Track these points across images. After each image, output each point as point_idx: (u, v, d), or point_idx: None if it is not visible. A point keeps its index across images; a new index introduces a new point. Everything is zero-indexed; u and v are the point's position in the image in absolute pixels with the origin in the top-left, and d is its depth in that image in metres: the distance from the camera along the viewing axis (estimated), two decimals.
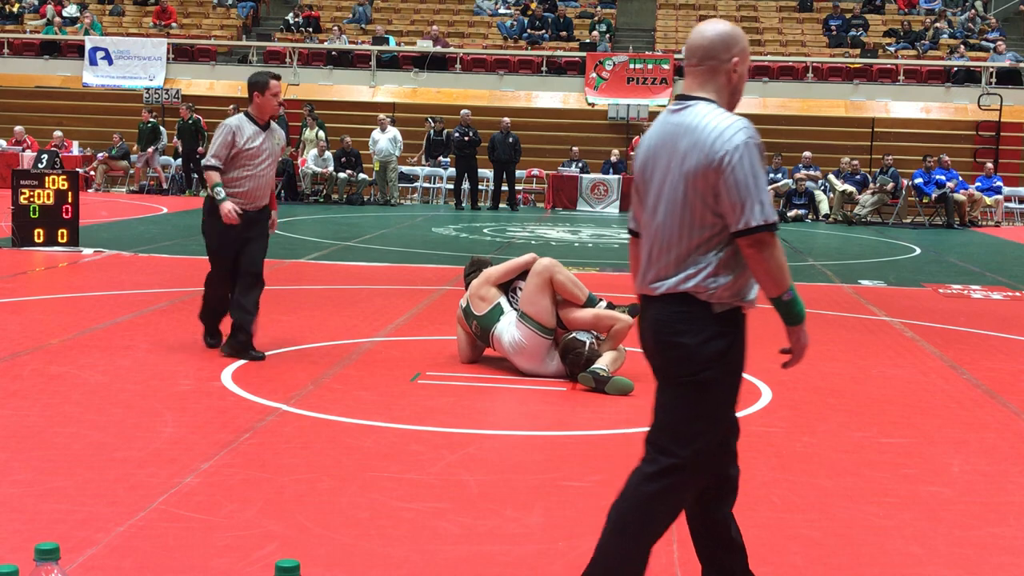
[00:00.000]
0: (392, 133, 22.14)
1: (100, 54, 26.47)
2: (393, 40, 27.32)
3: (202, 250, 7.56)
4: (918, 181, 21.31)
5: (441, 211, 21.39)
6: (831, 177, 21.91)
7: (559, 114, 25.56)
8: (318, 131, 22.59)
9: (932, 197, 21.11)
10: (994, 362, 8.03)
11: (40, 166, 18.10)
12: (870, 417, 6.29)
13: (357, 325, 8.56)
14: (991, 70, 25.06)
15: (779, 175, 22.22)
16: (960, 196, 21.02)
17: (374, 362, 7.30)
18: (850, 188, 21.50)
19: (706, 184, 3.21)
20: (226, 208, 7.09)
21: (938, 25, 27.83)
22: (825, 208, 21.47)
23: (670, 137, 3.32)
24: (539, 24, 28.14)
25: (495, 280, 7.23)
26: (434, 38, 26.76)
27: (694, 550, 3.60)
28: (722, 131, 3.19)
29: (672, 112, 3.37)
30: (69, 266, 11.58)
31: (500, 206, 22.17)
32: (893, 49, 27.01)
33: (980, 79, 25.00)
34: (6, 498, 4.43)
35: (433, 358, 7.45)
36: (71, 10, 28.80)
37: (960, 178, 21.46)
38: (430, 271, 12.03)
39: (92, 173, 22.74)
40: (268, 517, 4.32)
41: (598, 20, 28.38)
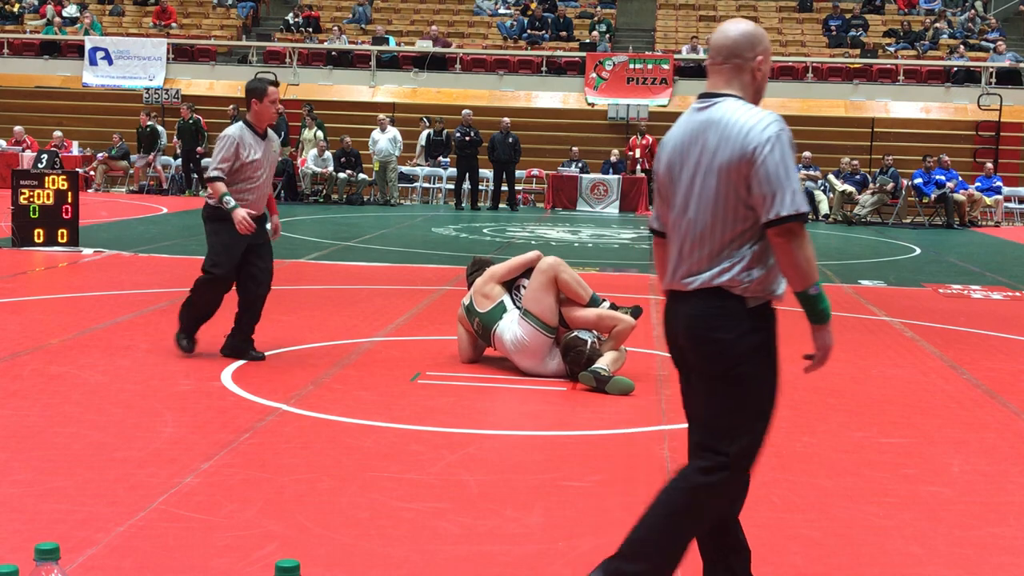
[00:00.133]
0: (392, 133, 22.15)
1: (100, 54, 26.48)
2: (393, 40, 27.33)
3: (202, 250, 7.54)
4: (918, 181, 21.31)
5: (441, 211, 21.39)
6: (831, 177, 21.91)
7: (559, 114, 25.56)
8: (317, 131, 22.60)
9: (932, 197, 21.11)
10: (994, 362, 8.03)
11: (40, 166, 18.10)
12: (870, 417, 6.29)
13: (357, 325, 8.56)
14: (991, 70, 25.07)
15: None
16: (960, 196, 21.02)
17: (374, 362, 7.30)
18: (850, 188, 21.50)
19: (739, 176, 3.25)
20: (240, 216, 6.97)
21: (938, 25, 27.83)
22: (825, 208, 21.47)
23: (698, 134, 3.36)
24: (539, 24, 28.14)
25: (499, 277, 7.23)
26: (434, 38, 26.76)
27: (698, 549, 3.60)
28: (755, 124, 3.25)
29: (698, 110, 3.41)
30: (69, 266, 11.58)
31: (500, 206, 22.17)
32: (893, 49, 27.01)
33: (980, 79, 25.00)
34: (6, 498, 4.43)
35: (433, 358, 7.45)
36: (71, 10, 28.80)
37: (960, 178, 21.46)
38: (430, 271, 12.03)
39: (92, 173, 22.74)
40: (268, 517, 4.32)
41: (598, 20, 28.39)
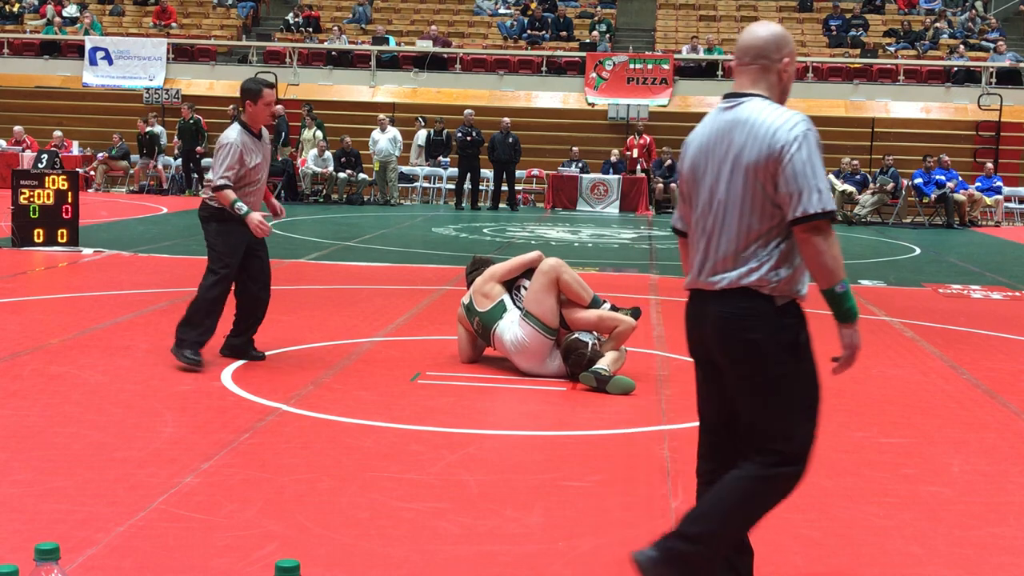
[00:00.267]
0: (392, 133, 22.15)
1: (100, 54, 26.48)
2: (393, 40, 27.33)
3: (201, 250, 7.53)
4: (918, 181, 21.31)
5: (441, 211, 21.39)
6: (831, 177, 21.90)
7: (559, 114, 25.56)
8: (316, 131, 22.60)
9: (932, 197, 21.11)
10: (994, 362, 8.03)
11: (40, 166, 18.10)
12: (870, 417, 6.29)
13: (357, 325, 8.56)
14: (991, 70, 25.07)
15: None
16: (960, 196, 21.02)
17: (374, 362, 7.30)
18: (850, 188, 21.50)
19: (766, 174, 3.26)
20: (255, 220, 6.94)
21: (938, 25, 27.83)
22: None
23: (723, 133, 3.38)
24: (539, 24, 28.14)
25: (500, 277, 7.22)
26: (434, 38, 26.76)
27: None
28: (782, 123, 3.27)
29: (724, 109, 3.43)
30: (69, 266, 11.58)
31: (500, 206, 22.17)
32: (893, 49, 27.01)
33: (980, 79, 25.00)
34: (6, 498, 4.43)
35: (433, 358, 7.45)
36: (71, 10, 28.81)
37: (960, 178, 21.46)
38: (430, 271, 12.03)
39: (92, 173, 22.74)
40: (268, 517, 4.32)
41: (598, 20, 28.39)
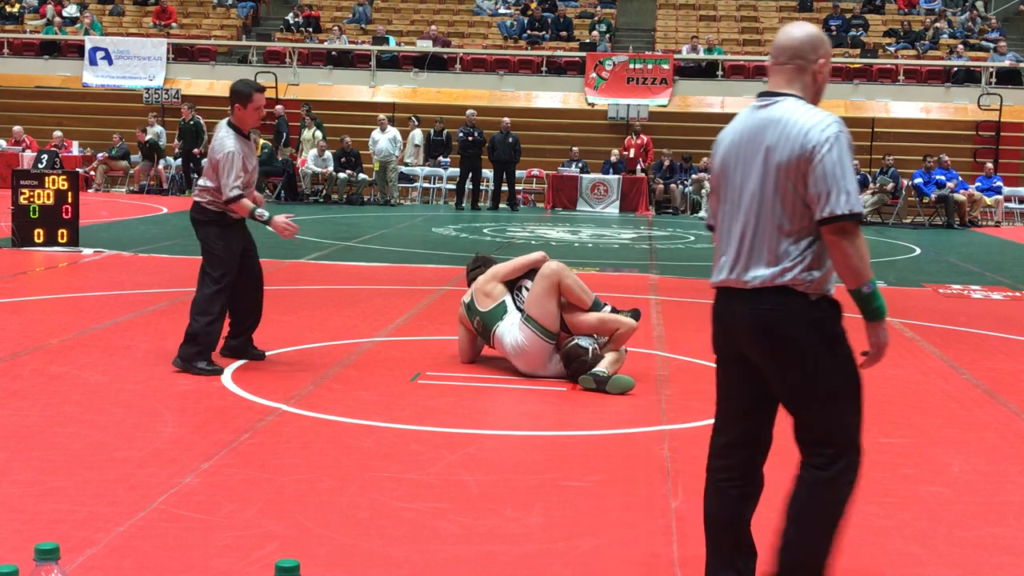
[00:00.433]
0: (392, 133, 22.16)
1: (100, 54, 26.48)
2: (393, 40, 27.33)
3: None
4: (918, 181, 21.31)
5: (441, 211, 21.39)
6: None
7: (559, 114, 25.56)
8: (316, 131, 22.60)
9: (932, 197, 21.11)
10: (994, 362, 8.03)
11: (40, 166, 18.10)
12: (870, 417, 6.23)
13: (357, 325, 8.56)
14: (991, 70, 25.07)
15: None
16: (960, 196, 21.02)
17: (374, 362, 7.30)
18: None
19: (797, 174, 3.28)
20: (281, 222, 6.91)
21: (938, 25, 27.83)
22: None
23: (756, 131, 3.40)
24: (539, 24, 28.14)
25: (502, 277, 7.21)
26: (434, 38, 26.76)
27: (709, 545, 3.59)
28: (815, 123, 3.29)
29: (758, 108, 3.44)
30: (69, 266, 11.58)
31: (500, 206, 22.17)
32: (893, 49, 27.01)
33: (980, 79, 25.00)
34: (6, 498, 4.43)
35: (433, 358, 7.45)
36: (71, 10, 28.80)
37: (960, 178, 21.46)
38: (430, 271, 12.03)
39: (92, 173, 22.74)
40: (268, 517, 4.32)
41: (598, 20, 28.39)
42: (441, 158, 23.33)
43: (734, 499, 3.54)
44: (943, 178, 21.18)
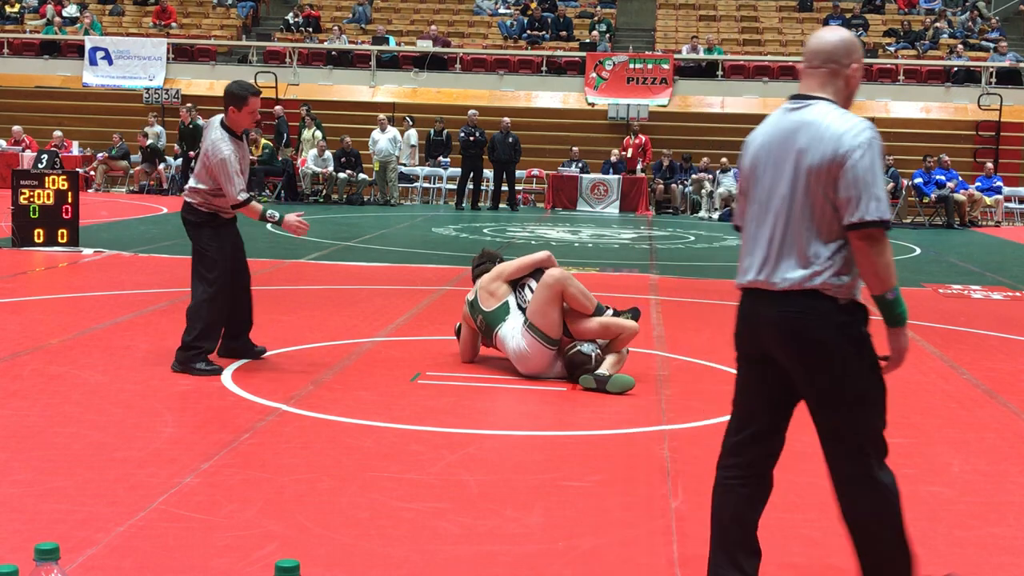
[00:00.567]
0: (392, 133, 22.16)
1: (100, 54, 26.48)
2: (393, 40, 27.33)
3: None
4: (918, 181, 21.31)
5: (441, 211, 21.39)
6: None
7: (559, 114, 25.56)
8: (316, 131, 22.60)
9: (932, 197, 21.11)
10: (994, 362, 8.03)
11: (40, 166, 18.10)
12: None
13: (357, 325, 8.55)
14: (991, 70, 25.07)
15: None
16: (960, 196, 21.02)
17: (374, 362, 7.30)
18: None
19: (828, 178, 3.29)
20: (293, 221, 6.90)
21: (938, 25, 27.84)
22: None
23: (788, 133, 3.41)
24: (539, 24, 28.14)
25: (507, 276, 7.19)
26: (434, 38, 26.76)
27: (714, 543, 3.59)
28: (848, 128, 3.31)
29: (790, 110, 3.45)
30: (69, 266, 11.58)
31: (500, 206, 22.17)
32: (893, 49, 27.01)
33: (980, 79, 25.00)
34: (6, 498, 4.43)
35: (433, 358, 7.44)
36: (71, 10, 28.80)
37: (960, 178, 21.46)
38: (430, 271, 12.03)
39: (92, 173, 22.74)
40: (268, 517, 4.32)
41: (598, 20, 28.39)
42: (441, 158, 23.32)
43: (743, 498, 3.55)
44: (943, 178, 21.17)
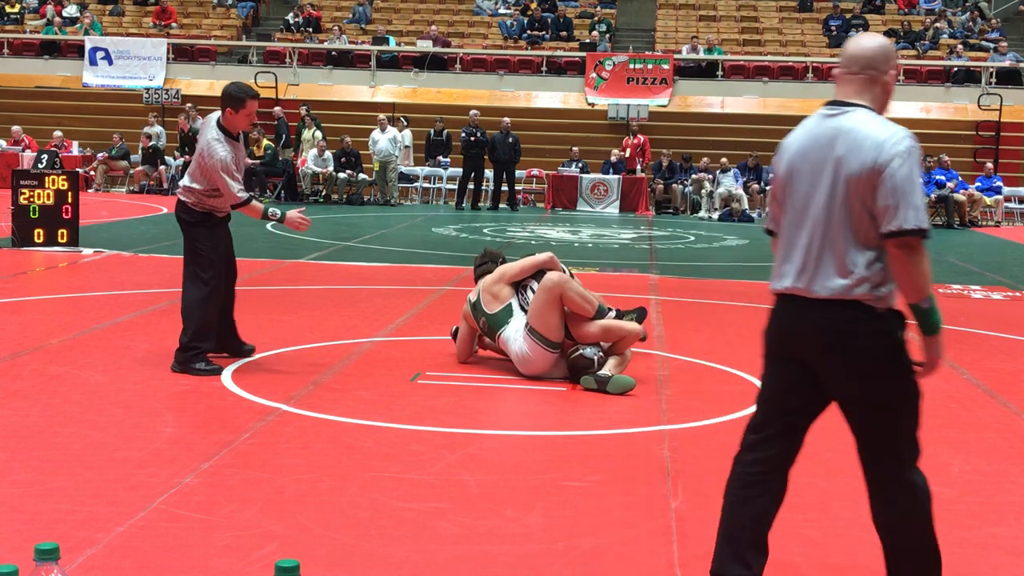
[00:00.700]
0: (392, 133, 22.15)
1: (100, 54, 26.48)
2: (393, 40, 27.33)
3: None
4: None
5: (441, 211, 21.39)
6: None
7: (559, 114, 25.56)
8: (315, 131, 22.60)
9: (932, 197, 21.10)
10: (994, 362, 8.03)
11: (40, 166, 18.09)
12: None
13: (357, 325, 8.55)
14: (991, 70, 25.07)
15: None
16: (960, 196, 21.02)
17: (374, 362, 7.30)
18: None
19: (868, 187, 3.30)
20: (296, 218, 6.96)
21: (938, 25, 27.83)
22: None
23: (825, 140, 3.41)
24: (539, 24, 28.14)
25: (510, 278, 7.18)
26: (434, 38, 26.76)
27: (722, 536, 3.59)
28: (887, 137, 3.31)
29: (827, 116, 3.45)
30: (69, 266, 11.58)
31: (500, 206, 22.16)
32: None
33: (980, 79, 25.00)
34: (6, 498, 4.43)
35: (433, 358, 7.44)
36: (71, 10, 28.80)
37: (960, 178, 21.46)
38: (430, 271, 12.03)
39: (92, 173, 22.74)
40: (268, 517, 4.32)
41: (598, 20, 28.39)
42: (441, 158, 23.31)
43: (757, 494, 3.56)
44: (943, 178, 21.17)
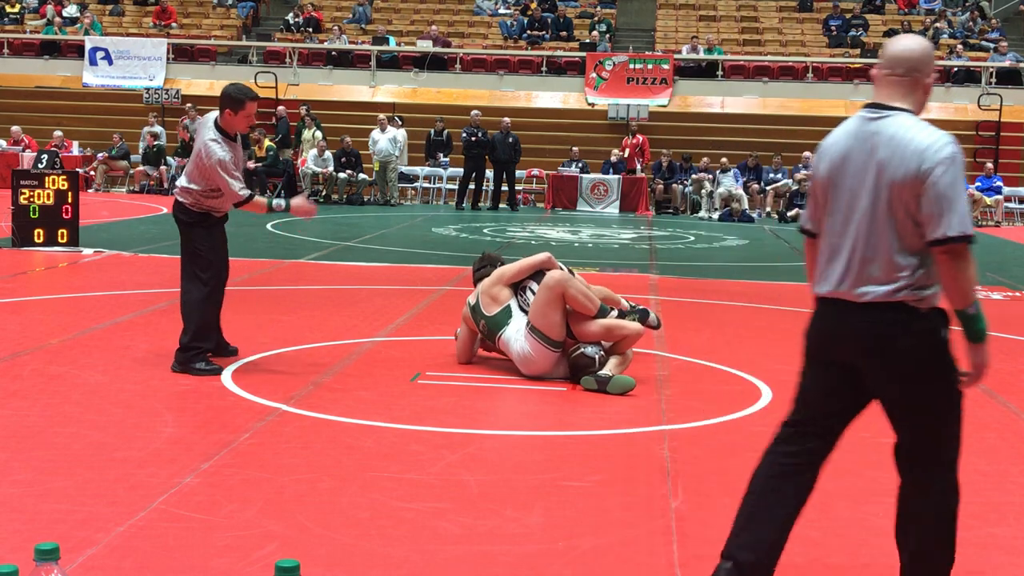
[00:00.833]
0: (392, 133, 22.15)
1: (100, 54, 26.48)
2: (393, 40, 27.33)
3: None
4: None
5: (441, 211, 21.39)
6: None
7: (559, 114, 25.56)
8: (316, 131, 22.60)
9: None
10: (994, 362, 8.01)
11: (40, 166, 18.10)
12: (870, 417, 6.27)
13: (357, 325, 8.55)
14: (991, 70, 25.07)
15: (779, 175, 22.22)
16: None
17: (374, 362, 7.30)
18: None
19: (911, 193, 3.30)
20: (302, 206, 7.11)
21: (938, 25, 27.83)
22: None
23: (867, 144, 3.41)
24: (539, 24, 28.14)
25: (508, 280, 7.18)
26: (434, 38, 26.76)
27: (740, 520, 3.58)
28: (931, 143, 3.31)
29: (869, 119, 3.45)
30: (69, 266, 11.58)
31: (500, 206, 22.17)
32: None
33: (980, 79, 25.00)
34: (6, 498, 4.43)
35: (433, 358, 7.44)
36: (71, 10, 28.80)
37: None
38: (430, 271, 12.03)
39: (92, 173, 22.74)
40: (268, 517, 4.32)
41: (598, 20, 28.39)
42: (442, 157, 23.30)
43: (785, 485, 3.57)
44: None
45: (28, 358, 7.03)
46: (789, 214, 21.08)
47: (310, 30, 28.16)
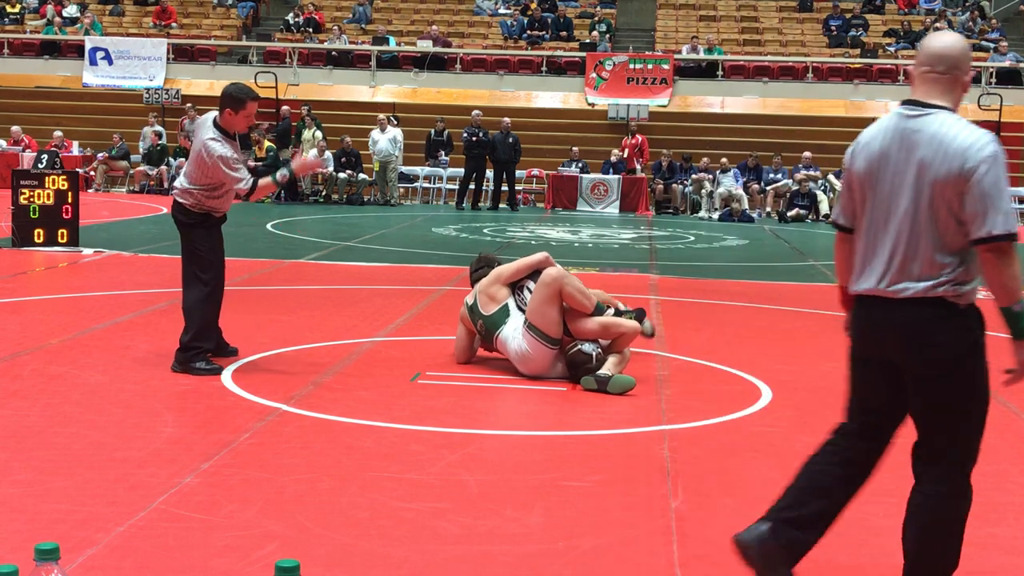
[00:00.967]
0: (392, 133, 22.15)
1: (100, 54, 26.48)
2: (393, 40, 27.33)
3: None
4: None
5: (441, 211, 21.39)
6: (831, 177, 21.90)
7: (559, 114, 25.56)
8: (316, 131, 22.60)
9: None
10: (994, 362, 8.01)
11: (40, 166, 18.09)
12: None
13: (357, 325, 8.55)
14: (991, 70, 25.07)
15: (779, 176, 22.22)
16: None
17: (374, 362, 7.30)
18: None
19: (954, 192, 3.31)
20: (307, 163, 7.36)
21: (938, 25, 27.82)
22: (825, 208, 21.46)
23: (907, 141, 3.40)
24: (539, 24, 28.14)
25: (505, 279, 7.19)
26: (434, 38, 26.76)
27: (787, 499, 3.62)
28: (972, 142, 3.31)
29: (909, 117, 3.43)
30: (69, 266, 11.58)
31: (500, 206, 22.17)
32: (893, 49, 27.02)
33: (980, 79, 25.00)
34: (6, 498, 4.43)
35: (433, 358, 7.44)
36: (71, 10, 28.81)
37: None
38: (430, 271, 12.03)
39: (92, 173, 22.74)
40: (268, 517, 4.32)
41: (598, 20, 28.39)
42: (442, 154, 23.28)
43: (837, 474, 3.62)
44: None
45: (28, 358, 7.03)
46: (789, 214, 21.08)
47: (310, 30, 28.16)
